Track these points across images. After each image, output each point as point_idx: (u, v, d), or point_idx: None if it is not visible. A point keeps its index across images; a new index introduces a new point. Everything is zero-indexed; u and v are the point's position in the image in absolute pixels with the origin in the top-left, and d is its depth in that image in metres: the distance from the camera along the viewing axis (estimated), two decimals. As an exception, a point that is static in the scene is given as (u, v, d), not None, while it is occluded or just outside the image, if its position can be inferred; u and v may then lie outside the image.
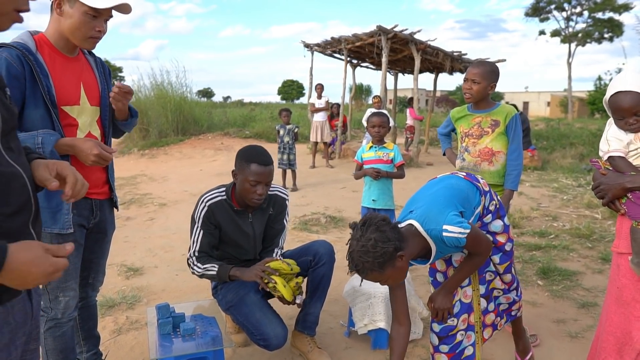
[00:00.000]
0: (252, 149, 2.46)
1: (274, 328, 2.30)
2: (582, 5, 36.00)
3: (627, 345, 1.81)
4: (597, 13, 35.45)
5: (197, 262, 2.39)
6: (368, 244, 1.67)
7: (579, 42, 37.17)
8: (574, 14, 36.83)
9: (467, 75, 2.74)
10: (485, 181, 2.15)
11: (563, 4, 36.30)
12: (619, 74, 1.87)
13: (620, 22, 35.25)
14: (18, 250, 0.91)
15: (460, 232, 1.74)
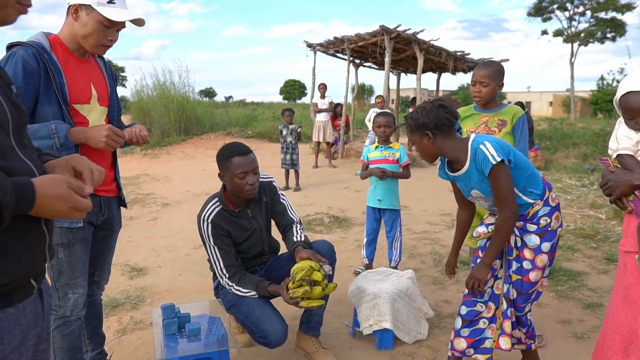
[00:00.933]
0: (228, 145, 2.46)
1: (273, 325, 2.28)
2: (584, 5, 35.93)
3: (634, 344, 1.80)
4: (600, 13, 35.37)
5: (231, 282, 2.38)
6: (419, 108, 2.04)
7: (581, 42, 37.09)
8: (576, 14, 36.75)
9: (475, 78, 2.73)
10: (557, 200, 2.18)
11: (565, 3, 36.22)
12: (630, 75, 1.85)
13: (623, 21, 35.15)
14: (46, 185, 0.96)
15: (493, 154, 1.89)
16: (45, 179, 0.98)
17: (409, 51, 9.97)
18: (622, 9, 34.08)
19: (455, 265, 2.47)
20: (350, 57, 10.97)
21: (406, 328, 2.65)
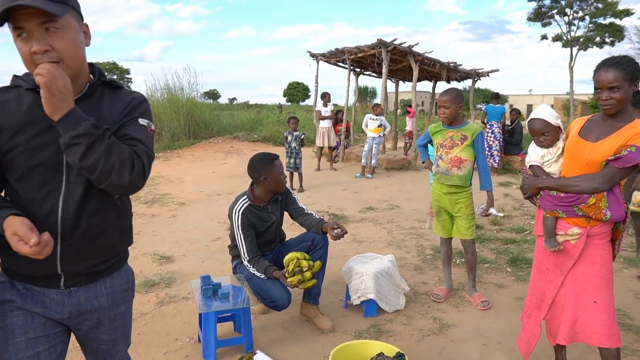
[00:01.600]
0: (265, 154, 3.24)
1: (280, 292, 3.00)
2: (583, 10, 36.53)
3: (544, 302, 2.51)
4: (599, 18, 35.97)
5: (249, 264, 3.08)
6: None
7: (580, 47, 37.68)
8: (575, 19, 37.34)
9: (439, 103, 3.44)
10: None
11: (565, 9, 36.83)
12: (538, 107, 2.57)
13: (622, 26, 35.69)
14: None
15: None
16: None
17: (405, 62, 10.69)
18: (621, 14, 34.67)
19: None
20: (351, 66, 11.69)
21: (387, 300, 3.35)
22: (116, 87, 1.57)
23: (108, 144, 1.35)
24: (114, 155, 1.36)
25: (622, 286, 3.96)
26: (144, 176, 1.47)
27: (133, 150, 1.43)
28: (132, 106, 1.53)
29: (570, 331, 2.38)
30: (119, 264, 1.64)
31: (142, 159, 1.45)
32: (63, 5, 1.34)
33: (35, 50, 1.30)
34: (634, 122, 2.22)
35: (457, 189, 3.47)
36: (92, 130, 1.32)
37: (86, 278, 1.52)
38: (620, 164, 2.16)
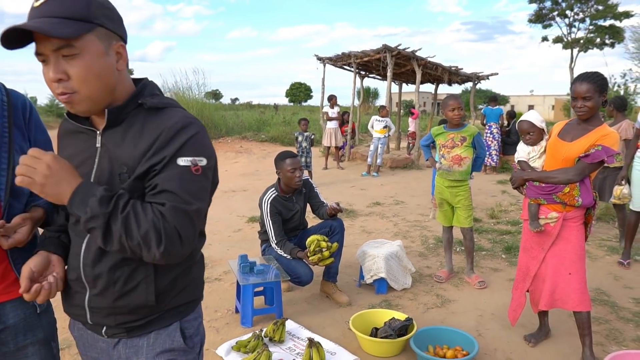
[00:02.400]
0: (281, 152, 3.76)
1: (304, 270, 3.52)
2: (584, 12, 36.97)
3: (528, 276, 3.01)
4: (599, 20, 36.42)
5: (277, 246, 3.59)
6: None
7: (581, 48, 38.12)
8: (576, 21, 37.81)
9: (453, 106, 3.89)
10: None
11: (565, 11, 37.29)
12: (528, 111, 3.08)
13: (621, 28, 36.09)
14: None
15: None
16: None
17: (409, 66, 11.21)
18: (620, 16, 35.12)
19: None
20: (357, 69, 12.20)
21: (396, 279, 3.85)
22: (154, 108, 1.23)
23: (123, 220, 1.10)
24: (133, 231, 1.10)
25: (604, 270, 4.45)
26: (183, 242, 1.14)
27: (159, 214, 1.12)
28: (164, 139, 1.16)
29: (550, 299, 2.87)
30: (163, 321, 1.31)
31: (173, 222, 1.12)
32: (80, 23, 1.11)
33: (50, 78, 1.12)
34: (602, 126, 2.72)
35: (457, 183, 3.97)
36: (99, 211, 1.09)
37: (125, 331, 1.28)
38: (589, 160, 2.66)
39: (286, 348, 2.97)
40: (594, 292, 3.90)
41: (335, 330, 3.24)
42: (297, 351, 2.92)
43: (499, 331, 3.28)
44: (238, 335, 3.15)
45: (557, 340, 3.14)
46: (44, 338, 1.51)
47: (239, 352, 2.89)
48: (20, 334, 1.45)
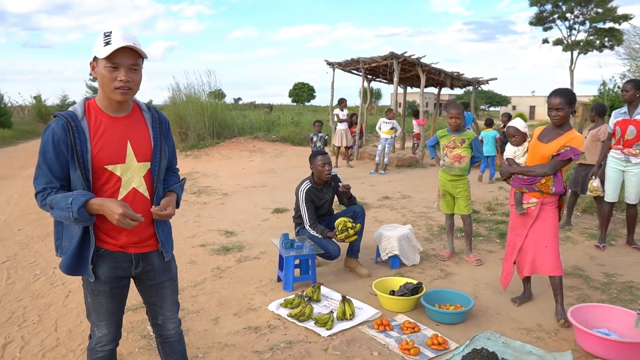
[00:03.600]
0: (315, 151, 4.56)
1: (333, 246, 4.32)
2: (584, 15, 37.67)
3: (514, 249, 3.79)
4: (598, 23, 37.11)
5: (310, 227, 4.38)
6: None
7: (580, 50, 38.82)
8: (576, 23, 38.51)
9: (454, 114, 4.68)
10: None
11: (566, 13, 38.00)
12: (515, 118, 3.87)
13: (621, 31, 36.73)
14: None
15: None
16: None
17: (414, 71, 11.99)
18: (620, 19, 35.82)
19: None
20: (364, 74, 12.99)
21: (407, 256, 4.64)
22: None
23: None
24: None
25: (582, 252, 5.23)
26: None
27: None
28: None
29: (532, 266, 3.65)
30: None
31: None
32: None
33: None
34: (571, 130, 3.50)
35: (457, 177, 4.75)
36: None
37: None
38: (560, 158, 3.44)
39: (322, 305, 3.76)
40: (572, 268, 4.68)
41: (359, 295, 4.02)
42: (331, 308, 3.70)
43: (492, 295, 4.06)
44: (282, 297, 3.94)
45: (537, 302, 3.92)
46: (173, 276, 2.30)
47: (286, 307, 3.68)
48: (160, 273, 2.22)
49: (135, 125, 2.07)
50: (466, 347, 3.08)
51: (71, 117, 1.92)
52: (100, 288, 2.07)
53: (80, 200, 1.84)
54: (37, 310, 3.86)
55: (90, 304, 2.13)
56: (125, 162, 2.01)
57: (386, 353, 3.08)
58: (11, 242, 5.74)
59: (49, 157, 1.91)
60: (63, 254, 2.04)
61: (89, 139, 1.94)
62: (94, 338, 2.20)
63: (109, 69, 1.89)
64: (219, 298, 3.99)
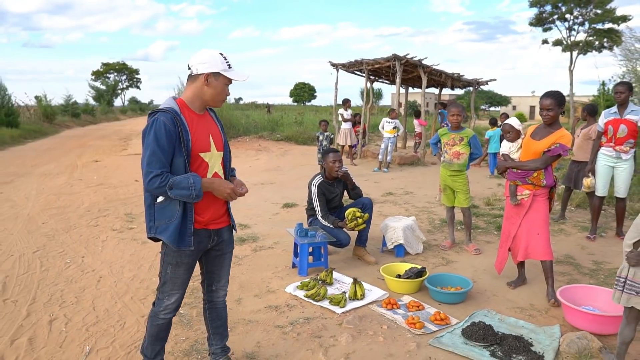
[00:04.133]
0: (327, 149, 4.98)
1: (343, 235, 4.70)
2: (583, 16, 38.00)
3: (509, 237, 4.16)
4: (597, 24, 37.43)
5: (322, 218, 4.75)
6: None
7: (580, 51, 39.16)
8: (575, 24, 38.84)
9: (454, 112, 5.06)
10: None
11: (565, 14, 38.33)
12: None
13: (620, 32, 37.04)
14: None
15: None
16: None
17: (416, 72, 12.36)
18: (618, 20, 36.14)
19: None
20: (367, 75, 13.37)
21: (411, 245, 5.01)
22: None
23: None
24: None
25: (574, 243, 5.60)
26: None
27: None
28: None
29: (525, 252, 4.02)
30: None
31: None
32: None
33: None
34: (560, 129, 3.87)
35: (456, 172, 5.13)
36: None
37: None
38: (551, 154, 3.81)
39: (335, 287, 4.13)
40: (564, 256, 5.05)
41: (368, 279, 4.39)
42: (343, 289, 4.08)
43: (489, 280, 4.43)
44: (297, 281, 4.31)
45: (530, 285, 4.30)
46: (232, 249, 2.74)
47: (302, 289, 4.06)
48: (227, 245, 2.65)
49: (210, 122, 2.50)
50: (465, 322, 3.46)
51: (176, 113, 2.28)
52: (184, 260, 2.41)
53: (199, 181, 2.25)
54: (73, 293, 4.23)
55: (169, 274, 2.44)
56: (210, 151, 2.43)
57: (394, 327, 3.46)
58: (38, 234, 6.10)
59: (163, 144, 2.23)
60: (159, 233, 2.36)
61: (189, 130, 2.31)
62: (160, 306, 2.49)
63: (226, 86, 2.39)
64: (239, 282, 4.37)
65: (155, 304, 2.53)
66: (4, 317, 3.73)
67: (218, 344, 2.83)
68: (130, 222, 6.67)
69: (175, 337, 3.35)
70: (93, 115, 40.00)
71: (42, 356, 3.14)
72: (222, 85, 2.36)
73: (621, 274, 2.81)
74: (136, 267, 4.85)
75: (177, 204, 2.33)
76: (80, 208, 7.54)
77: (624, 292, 2.78)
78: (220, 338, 2.83)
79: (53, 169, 12.14)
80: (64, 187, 9.39)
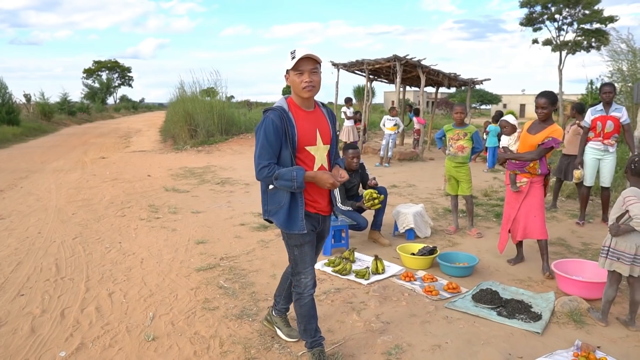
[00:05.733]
0: (347, 144, 5.47)
1: (362, 218, 5.26)
2: (572, 16, 38.90)
3: (509, 220, 4.73)
4: (586, 24, 38.35)
5: (341, 204, 5.27)
6: None
7: (569, 51, 40.06)
8: (564, 24, 39.73)
9: (458, 111, 5.63)
10: None
11: (554, 15, 39.21)
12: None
13: (607, 32, 37.93)
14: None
15: None
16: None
17: (414, 72, 12.95)
18: (605, 21, 37.12)
19: None
20: (368, 74, 13.94)
21: (420, 229, 5.59)
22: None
23: None
24: None
25: (565, 228, 6.21)
26: None
27: None
28: None
29: (523, 232, 4.60)
30: None
31: None
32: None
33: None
34: (553, 124, 4.44)
35: (460, 164, 5.70)
36: None
37: None
38: (544, 146, 4.38)
39: (357, 265, 4.69)
40: (556, 239, 5.64)
41: (385, 258, 4.93)
42: (364, 265, 4.63)
43: (491, 258, 5.01)
44: (323, 259, 4.85)
45: (528, 262, 4.88)
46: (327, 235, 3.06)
47: (329, 266, 4.60)
48: (326, 232, 2.99)
49: (319, 117, 2.71)
50: (474, 290, 4.04)
51: (283, 111, 2.55)
52: (305, 239, 2.69)
53: (301, 173, 2.48)
54: (121, 272, 4.73)
55: (298, 255, 2.73)
56: (316, 144, 2.65)
57: (414, 294, 4.02)
58: (71, 224, 6.58)
59: (271, 139, 2.50)
60: (271, 216, 2.70)
61: (295, 126, 2.57)
62: (301, 287, 2.76)
63: (297, 74, 2.52)
64: (271, 261, 4.91)
65: (295, 286, 2.79)
66: (66, 291, 4.23)
67: (285, 305, 3.26)
68: (154, 212, 7.16)
69: (225, 305, 3.89)
70: (89, 114, 40.21)
71: (112, 321, 3.66)
72: (293, 76, 2.54)
73: (605, 244, 3.40)
74: (173, 250, 5.36)
75: (285, 191, 2.58)
76: (103, 201, 8.01)
77: (608, 259, 3.37)
78: (288, 300, 3.23)
79: (63, 165, 12.56)
80: (80, 182, 9.83)
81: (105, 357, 3.12)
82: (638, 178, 3.34)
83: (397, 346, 3.18)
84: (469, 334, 3.36)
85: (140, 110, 64.56)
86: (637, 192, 3.28)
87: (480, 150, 5.86)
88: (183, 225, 6.38)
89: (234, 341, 3.29)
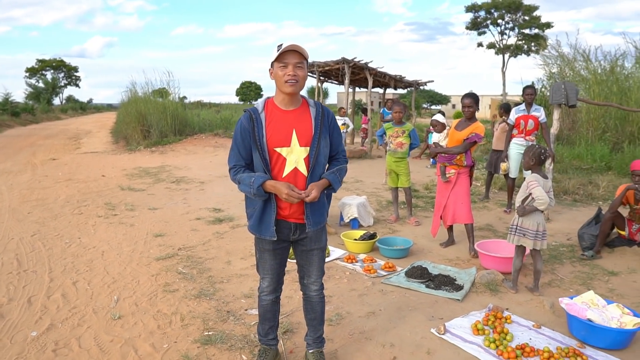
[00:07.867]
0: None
1: None
2: (513, 21, 41.05)
3: (440, 207, 5.32)
4: (526, 29, 40.57)
5: None
6: None
7: (511, 54, 42.22)
8: (507, 29, 41.87)
9: (397, 110, 6.20)
10: None
11: (497, 20, 41.25)
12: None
13: (545, 37, 40.25)
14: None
15: None
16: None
17: (362, 74, 13.59)
18: (543, 26, 39.48)
19: None
20: (318, 76, 14.47)
21: (363, 219, 6.12)
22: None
23: None
24: None
25: (494, 215, 6.91)
26: None
27: None
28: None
29: (452, 217, 5.20)
30: None
31: None
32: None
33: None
34: (476, 122, 5.07)
35: (399, 159, 6.28)
36: None
37: None
38: (469, 141, 4.99)
39: (305, 250, 5.15)
40: (485, 225, 6.32)
41: (331, 244, 5.43)
42: (312, 251, 5.10)
43: (426, 242, 5.60)
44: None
45: (458, 245, 5.50)
46: (322, 246, 2.71)
47: (279, 252, 5.04)
48: (312, 241, 2.63)
49: (301, 116, 2.47)
50: (407, 268, 4.59)
51: (254, 111, 2.45)
52: (265, 247, 2.60)
53: (259, 181, 2.36)
54: (83, 264, 4.98)
55: (258, 259, 2.69)
56: (289, 146, 2.43)
57: (354, 273, 4.54)
58: (28, 222, 6.69)
59: (238, 141, 2.44)
60: (248, 219, 2.62)
61: (265, 127, 2.42)
62: (259, 288, 2.75)
63: (281, 67, 2.36)
64: (226, 250, 5.30)
65: (259, 286, 2.80)
66: (31, 282, 4.47)
67: (310, 335, 2.91)
68: (111, 210, 7.36)
69: (184, 288, 4.26)
70: (34, 115, 38.76)
71: (79, 305, 3.96)
72: (276, 69, 2.38)
73: (513, 223, 4.02)
74: (132, 243, 5.65)
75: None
76: (59, 200, 8.10)
77: (515, 235, 3.99)
78: (313, 330, 2.88)
79: (11, 167, 12.33)
80: (32, 183, 9.79)
81: (76, 334, 3.44)
82: (540, 167, 3.99)
83: (338, 314, 3.67)
84: (400, 302, 3.90)
85: (88, 111, 62.61)
86: (538, 178, 3.91)
87: (417, 146, 6.46)
88: (141, 221, 6.65)
89: (194, 316, 3.68)
